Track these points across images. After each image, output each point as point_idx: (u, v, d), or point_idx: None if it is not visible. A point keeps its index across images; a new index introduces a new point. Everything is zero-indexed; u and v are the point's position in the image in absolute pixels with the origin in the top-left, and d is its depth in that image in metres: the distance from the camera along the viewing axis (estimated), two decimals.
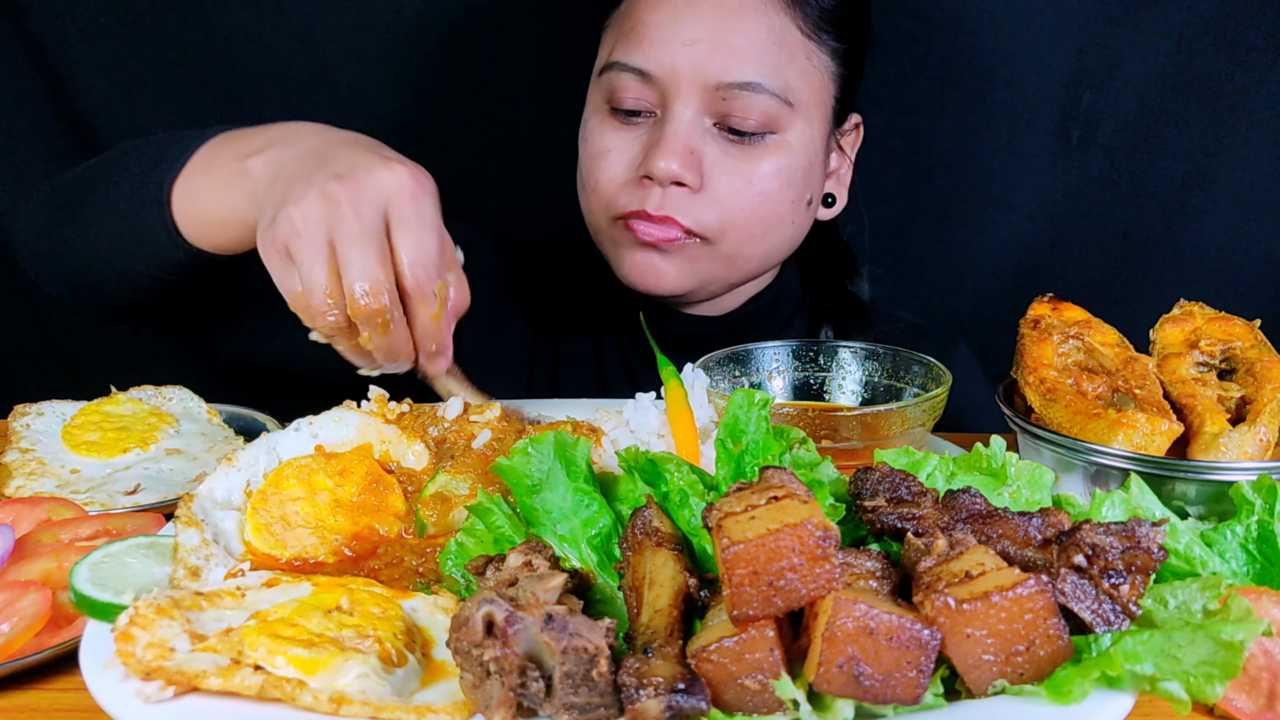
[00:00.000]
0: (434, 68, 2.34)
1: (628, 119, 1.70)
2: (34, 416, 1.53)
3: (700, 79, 1.63)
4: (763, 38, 1.64)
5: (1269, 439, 1.19)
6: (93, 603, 0.98)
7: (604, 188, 1.71)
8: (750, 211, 1.68)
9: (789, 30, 1.67)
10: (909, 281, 2.37)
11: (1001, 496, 1.09)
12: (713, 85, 1.63)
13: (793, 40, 1.67)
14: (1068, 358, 1.34)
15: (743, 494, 0.91)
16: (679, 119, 1.64)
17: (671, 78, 1.64)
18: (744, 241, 1.71)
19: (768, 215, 1.70)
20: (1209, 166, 2.23)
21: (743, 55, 1.63)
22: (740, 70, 1.62)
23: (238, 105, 2.35)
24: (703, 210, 1.66)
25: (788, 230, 1.76)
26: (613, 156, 1.71)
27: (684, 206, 1.65)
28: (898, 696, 0.81)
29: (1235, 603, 0.84)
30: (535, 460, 1.10)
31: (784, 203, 1.71)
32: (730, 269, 1.75)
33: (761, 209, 1.69)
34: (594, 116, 1.76)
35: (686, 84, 1.63)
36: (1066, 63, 2.22)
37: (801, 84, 1.69)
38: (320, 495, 1.18)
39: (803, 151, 1.71)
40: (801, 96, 1.69)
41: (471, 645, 0.84)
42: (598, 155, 1.72)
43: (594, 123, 1.75)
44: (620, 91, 1.68)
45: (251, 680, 0.85)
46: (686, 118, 1.64)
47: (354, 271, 1.18)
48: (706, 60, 1.62)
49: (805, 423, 1.29)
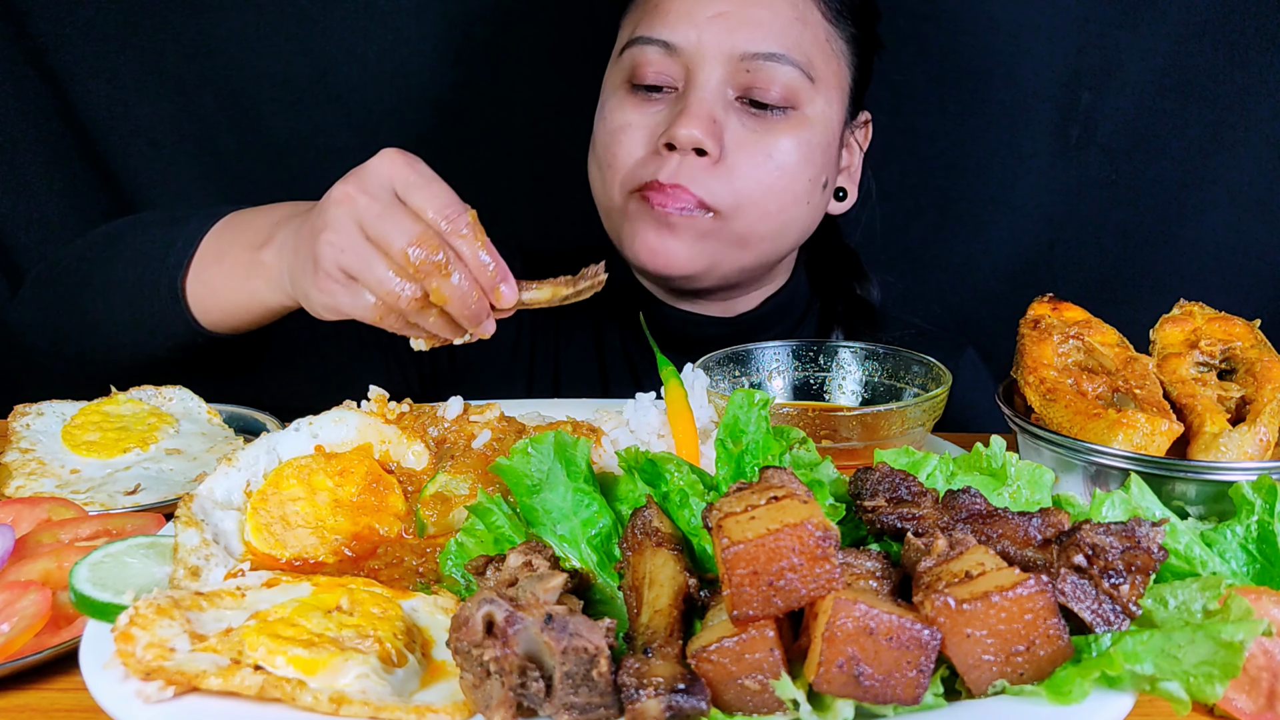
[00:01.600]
0: (433, 69, 2.34)
1: (648, 95, 1.72)
2: (34, 416, 1.53)
3: (725, 50, 1.66)
4: (787, 13, 1.68)
5: (1269, 439, 1.19)
6: (93, 603, 0.98)
7: (621, 161, 1.72)
8: (767, 186, 1.69)
9: (811, 11, 1.72)
10: (909, 281, 2.36)
11: (1001, 496, 1.09)
12: (737, 56, 1.66)
13: (814, 20, 1.72)
14: (1068, 358, 1.34)
15: (743, 494, 0.91)
16: (703, 88, 1.66)
17: (696, 49, 1.66)
18: (759, 218, 1.71)
19: (784, 191, 1.71)
20: (1207, 166, 2.23)
21: (768, 28, 1.66)
22: (765, 41, 1.66)
23: (236, 107, 2.35)
24: (718, 183, 1.67)
25: (802, 210, 1.76)
26: (632, 131, 1.72)
27: (698, 177, 1.66)
28: (898, 696, 0.81)
29: (1235, 603, 0.84)
30: (535, 460, 1.10)
31: (802, 179, 1.73)
32: (741, 249, 1.74)
33: (779, 183, 1.70)
34: (614, 95, 1.77)
35: (711, 55, 1.66)
36: (1065, 63, 2.22)
37: (822, 62, 1.72)
38: (320, 495, 1.18)
39: (822, 129, 1.74)
40: (822, 74, 1.72)
41: (471, 645, 0.84)
42: (617, 130, 1.73)
43: (614, 100, 1.76)
44: (643, 66, 1.70)
45: (251, 680, 0.85)
46: (711, 87, 1.66)
47: (397, 239, 1.24)
48: (732, 31, 1.65)
49: (805, 423, 1.29)
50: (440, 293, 1.25)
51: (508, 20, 2.32)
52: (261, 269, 1.46)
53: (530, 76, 2.34)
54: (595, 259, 1.48)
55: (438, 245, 1.25)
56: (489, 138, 2.37)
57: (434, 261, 1.25)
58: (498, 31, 2.33)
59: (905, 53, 2.24)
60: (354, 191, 1.28)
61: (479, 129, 2.37)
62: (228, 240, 1.54)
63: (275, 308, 1.50)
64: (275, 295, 1.46)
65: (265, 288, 1.47)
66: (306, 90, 2.34)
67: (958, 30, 2.24)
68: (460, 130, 2.37)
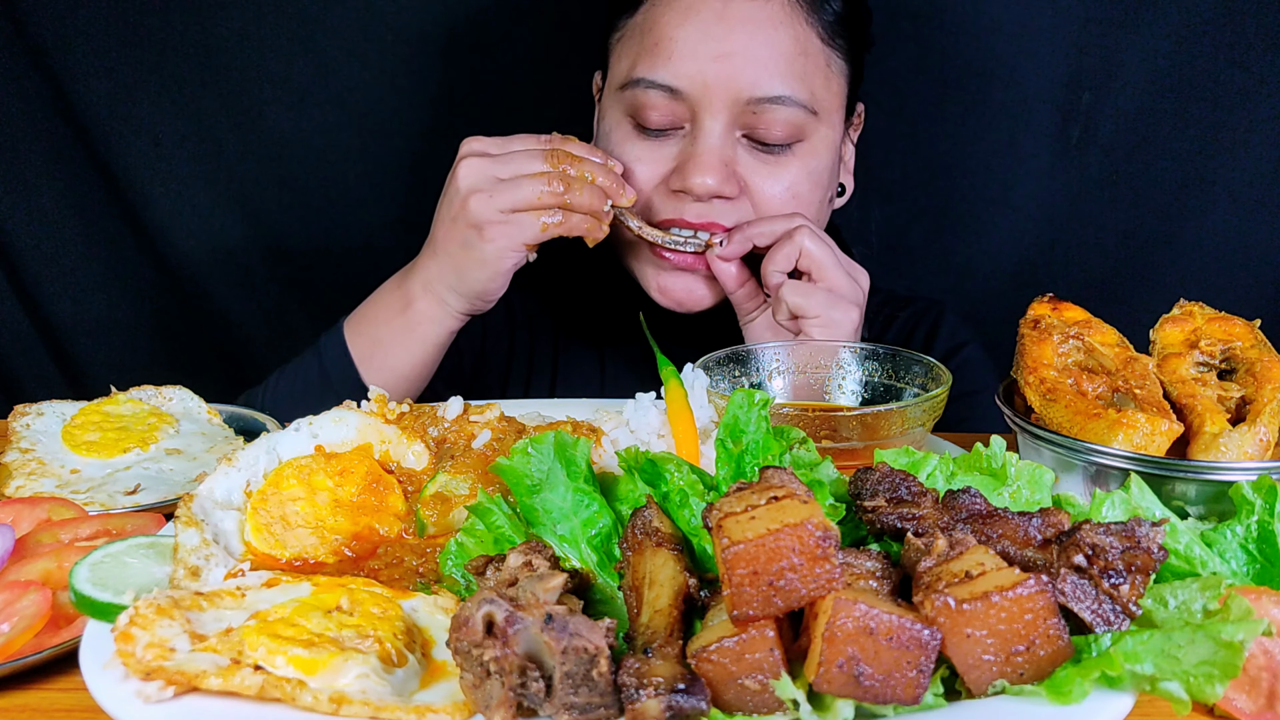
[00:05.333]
0: (433, 69, 2.34)
1: (654, 135, 1.72)
2: (34, 416, 1.53)
3: (732, 94, 1.65)
4: (789, 50, 1.66)
5: (1269, 439, 1.19)
6: (93, 603, 0.98)
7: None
8: (786, 210, 1.71)
9: (811, 40, 1.70)
10: (910, 282, 2.37)
11: (1001, 496, 1.09)
12: (744, 100, 1.65)
13: (815, 49, 1.70)
14: (1068, 358, 1.34)
15: (743, 494, 0.91)
16: (711, 134, 1.66)
17: (703, 94, 1.65)
18: None
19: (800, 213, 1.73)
20: (1208, 167, 2.23)
21: (772, 69, 1.65)
22: (770, 84, 1.65)
23: (237, 107, 2.35)
24: (742, 214, 1.70)
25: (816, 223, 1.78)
26: (641, 169, 1.73)
27: (724, 212, 1.69)
28: (898, 696, 0.81)
29: (1235, 603, 0.84)
30: (535, 460, 1.10)
31: (814, 203, 1.76)
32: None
33: (794, 207, 1.72)
34: (617, 130, 1.76)
35: (718, 99, 1.65)
36: (1066, 63, 2.22)
37: (824, 91, 1.72)
38: (320, 495, 1.18)
39: (827, 154, 1.76)
40: (824, 104, 1.73)
41: (471, 645, 0.84)
42: (626, 169, 1.73)
43: (618, 136, 1.76)
44: (647, 109, 1.69)
45: (251, 680, 0.85)
46: (718, 132, 1.66)
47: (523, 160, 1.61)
48: (737, 74, 1.64)
49: (805, 423, 1.29)
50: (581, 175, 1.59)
51: (508, 20, 2.32)
52: (418, 316, 1.70)
53: (530, 76, 2.34)
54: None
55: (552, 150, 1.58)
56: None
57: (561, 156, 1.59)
58: (498, 31, 2.33)
59: (905, 53, 2.24)
60: (468, 162, 1.61)
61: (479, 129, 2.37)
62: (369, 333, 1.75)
63: (445, 337, 1.74)
64: (443, 324, 1.72)
65: (431, 327, 1.71)
66: (307, 90, 2.34)
67: (958, 31, 2.24)
68: (460, 130, 2.35)
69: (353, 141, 2.37)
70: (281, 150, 2.38)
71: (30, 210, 2.36)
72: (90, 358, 2.46)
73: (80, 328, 2.44)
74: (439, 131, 2.36)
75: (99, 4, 2.26)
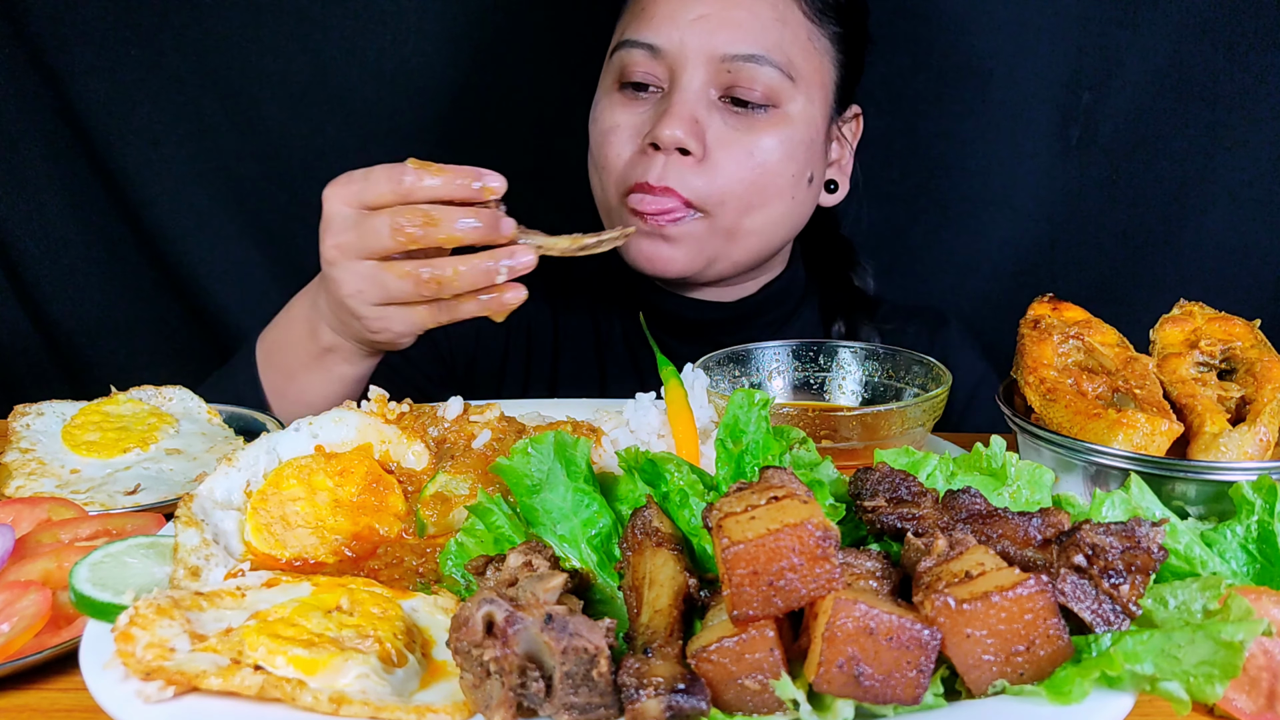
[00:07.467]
0: (433, 69, 2.34)
1: (636, 94, 1.77)
2: (34, 416, 1.53)
3: (707, 52, 1.70)
4: (767, 15, 1.72)
5: (1269, 439, 1.19)
6: (93, 603, 0.98)
7: (613, 162, 1.77)
8: (750, 182, 1.73)
9: (792, 11, 1.75)
10: (910, 281, 2.37)
11: (1001, 496, 1.09)
12: (719, 58, 1.70)
13: (795, 20, 1.75)
14: (1068, 358, 1.34)
15: (743, 494, 0.91)
16: (686, 89, 1.71)
17: (680, 51, 1.71)
18: (742, 211, 1.75)
19: (766, 186, 1.75)
20: (1208, 167, 2.23)
21: (748, 29, 1.70)
22: (745, 43, 1.70)
23: (236, 107, 2.35)
24: (701, 180, 1.71)
25: (787, 205, 1.80)
26: (621, 131, 1.77)
27: (684, 176, 1.70)
28: (898, 696, 0.81)
29: (1235, 603, 0.83)
30: (535, 460, 1.10)
31: (784, 175, 1.77)
32: (731, 243, 1.79)
33: (761, 179, 1.74)
34: (605, 96, 1.83)
35: (694, 57, 1.70)
36: (1066, 63, 2.22)
37: (803, 61, 1.76)
38: (320, 495, 1.18)
39: (804, 126, 1.77)
40: (803, 73, 1.76)
41: (471, 645, 0.84)
42: (608, 131, 1.79)
43: (604, 102, 1.82)
44: (630, 66, 1.75)
45: (251, 680, 0.85)
46: (694, 88, 1.71)
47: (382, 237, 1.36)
48: (713, 34, 1.70)
49: (805, 423, 1.29)
50: (450, 234, 1.34)
51: (508, 20, 2.32)
52: (331, 357, 1.58)
53: (530, 76, 2.34)
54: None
55: (413, 211, 1.34)
56: (489, 137, 2.37)
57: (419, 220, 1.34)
58: (498, 31, 2.33)
59: (905, 53, 2.24)
60: (330, 245, 1.40)
61: (479, 129, 2.38)
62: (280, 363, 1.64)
63: (365, 371, 1.61)
64: (359, 363, 1.59)
65: (347, 367, 1.59)
66: (306, 90, 2.34)
67: (958, 30, 2.24)
68: (460, 130, 2.37)
69: (351, 142, 2.37)
70: (280, 150, 2.38)
71: (30, 210, 2.36)
72: (90, 358, 2.46)
73: (80, 328, 2.44)
74: (438, 132, 2.36)
75: (98, 4, 2.25)
